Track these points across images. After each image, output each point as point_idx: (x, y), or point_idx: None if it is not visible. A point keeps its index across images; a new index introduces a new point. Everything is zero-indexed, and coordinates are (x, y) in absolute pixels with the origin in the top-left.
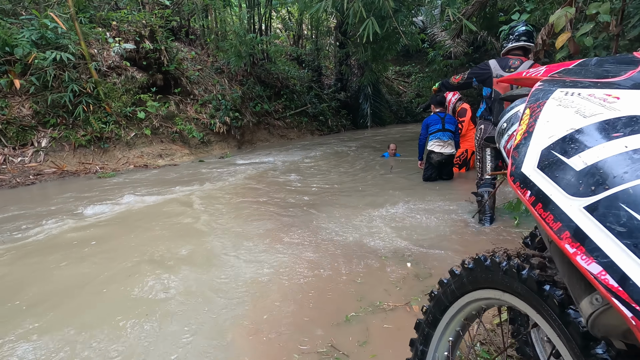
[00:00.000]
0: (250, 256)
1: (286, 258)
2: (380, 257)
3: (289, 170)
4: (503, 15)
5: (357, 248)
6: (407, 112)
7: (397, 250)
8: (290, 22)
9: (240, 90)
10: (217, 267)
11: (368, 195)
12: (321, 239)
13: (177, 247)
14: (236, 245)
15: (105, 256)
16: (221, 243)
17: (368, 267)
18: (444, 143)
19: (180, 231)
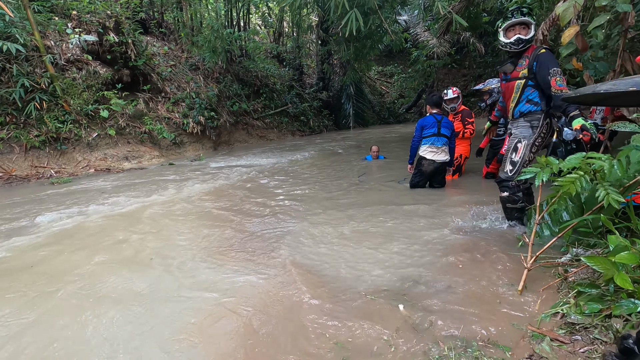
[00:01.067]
0: (194, 293)
1: (230, 301)
2: (363, 294)
3: (264, 175)
4: (487, 15)
5: (334, 283)
6: (390, 112)
7: (384, 286)
8: (270, 18)
9: (217, 88)
10: (151, 310)
11: (346, 207)
12: (286, 269)
13: (110, 279)
14: (183, 276)
15: (12, 287)
16: (169, 275)
17: (348, 313)
18: (438, 150)
19: (120, 256)
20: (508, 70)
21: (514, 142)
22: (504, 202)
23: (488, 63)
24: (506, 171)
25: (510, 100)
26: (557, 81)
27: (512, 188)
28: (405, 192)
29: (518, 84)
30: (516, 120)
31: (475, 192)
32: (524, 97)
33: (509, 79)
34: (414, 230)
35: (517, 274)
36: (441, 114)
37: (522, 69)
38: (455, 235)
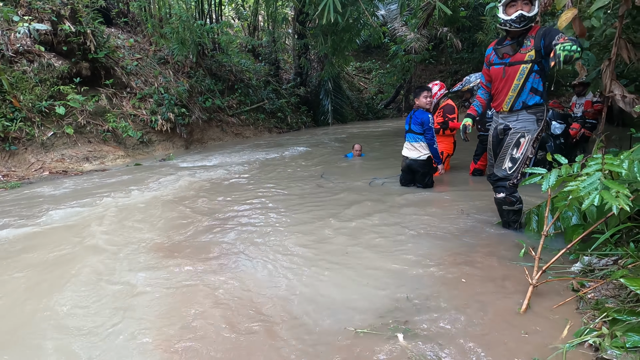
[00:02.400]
0: (136, 326)
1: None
2: (350, 329)
3: (235, 176)
4: (464, 10)
5: (314, 313)
6: (369, 109)
7: (376, 311)
8: (245, 10)
9: (188, 84)
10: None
11: (324, 214)
12: (252, 295)
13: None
14: (121, 308)
15: None
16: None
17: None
18: (409, 146)
19: (49, 280)
20: (509, 52)
21: (516, 137)
22: (499, 204)
23: (464, 59)
24: (505, 169)
25: (509, 89)
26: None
27: (509, 188)
28: (390, 196)
29: (523, 68)
30: (515, 113)
31: (464, 191)
32: (528, 84)
33: (509, 62)
34: (403, 242)
35: (524, 288)
36: (416, 107)
37: (527, 50)
38: (449, 244)
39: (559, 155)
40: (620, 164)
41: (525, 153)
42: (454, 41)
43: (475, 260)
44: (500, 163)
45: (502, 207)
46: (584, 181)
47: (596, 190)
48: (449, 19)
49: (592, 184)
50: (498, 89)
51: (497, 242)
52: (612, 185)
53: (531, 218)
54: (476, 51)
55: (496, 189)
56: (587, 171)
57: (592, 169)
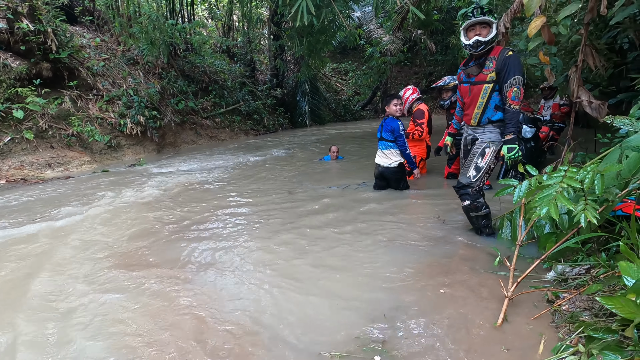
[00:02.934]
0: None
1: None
2: (324, 355)
3: (206, 182)
4: (437, 13)
5: (286, 335)
6: (346, 110)
7: (352, 331)
8: (218, 10)
9: (159, 85)
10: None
11: (295, 223)
12: (217, 314)
13: None
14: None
15: None
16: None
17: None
18: (381, 153)
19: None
20: (473, 72)
21: (482, 147)
22: (467, 211)
23: (438, 61)
24: (469, 176)
25: (475, 106)
26: (513, 92)
27: (472, 195)
28: (364, 202)
29: (486, 88)
30: (482, 127)
31: (437, 196)
32: (491, 102)
33: (473, 82)
34: (377, 253)
35: (501, 298)
36: (387, 115)
37: (489, 71)
38: (424, 255)
39: (531, 165)
40: (582, 177)
41: (488, 163)
42: (428, 44)
43: (450, 270)
44: (465, 171)
45: (470, 214)
46: (542, 193)
47: (548, 203)
48: (422, 22)
49: (547, 196)
50: (466, 105)
51: (472, 250)
52: (563, 201)
53: (504, 224)
54: (449, 54)
55: (461, 197)
56: (549, 183)
57: (552, 180)
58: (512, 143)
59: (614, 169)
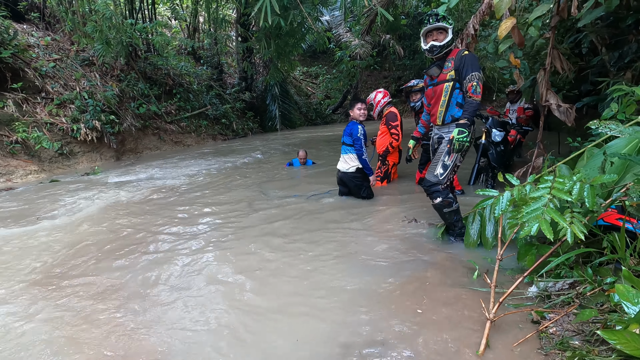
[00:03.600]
0: None
1: None
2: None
3: (165, 191)
4: (405, 18)
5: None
6: (317, 113)
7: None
8: (182, 10)
9: (117, 88)
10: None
11: (258, 234)
12: (160, 344)
13: None
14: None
15: None
16: None
17: None
18: (341, 158)
19: None
20: (434, 73)
21: (448, 146)
22: (439, 208)
23: (407, 65)
24: (437, 174)
25: (439, 105)
26: (473, 86)
27: (442, 192)
28: (330, 212)
29: (447, 86)
30: (447, 125)
31: (408, 202)
32: (453, 100)
33: (436, 82)
34: (346, 270)
35: (481, 318)
36: (351, 119)
37: (448, 71)
38: (396, 270)
39: (510, 175)
40: (570, 188)
41: (454, 161)
42: (396, 48)
43: (426, 287)
44: (432, 169)
45: (443, 211)
46: (528, 206)
47: (538, 218)
48: (390, 26)
49: (535, 210)
50: (432, 106)
51: (448, 262)
52: (555, 216)
53: (474, 219)
54: (417, 58)
55: (431, 195)
56: (535, 195)
57: (539, 192)
58: (462, 127)
59: (603, 180)
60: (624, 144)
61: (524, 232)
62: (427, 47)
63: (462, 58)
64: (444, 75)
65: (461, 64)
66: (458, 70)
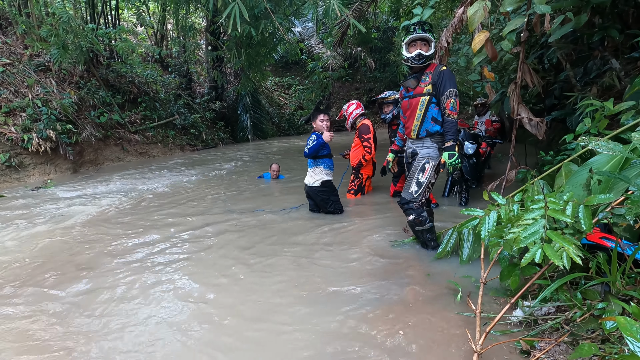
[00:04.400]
0: None
1: None
2: None
3: (122, 208)
4: (375, 32)
5: None
6: (290, 124)
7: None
8: (149, 16)
9: (76, 95)
10: None
11: (221, 256)
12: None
13: None
14: None
15: None
16: None
17: None
18: (308, 172)
19: None
20: (412, 85)
21: (421, 162)
22: (412, 225)
23: (377, 78)
24: (411, 192)
25: (414, 118)
26: (451, 103)
27: (416, 210)
28: (302, 231)
29: (423, 100)
30: (421, 140)
31: (381, 215)
32: (429, 114)
33: (412, 95)
34: (318, 298)
35: (468, 348)
36: (316, 131)
37: (425, 84)
38: (374, 294)
39: (496, 193)
40: (564, 206)
41: (429, 178)
42: (367, 60)
43: (406, 313)
44: (407, 186)
45: (415, 229)
46: (525, 229)
47: (539, 242)
48: (362, 39)
49: (534, 233)
50: (407, 119)
51: (429, 284)
52: (557, 239)
53: (445, 239)
54: (388, 71)
55: (406, 212)
56: (531, 216)
57: (534, 214)
58: (452, 150)
59: (598, 200)
60: (606, 160)
61: (525, 259)
62: (412, 55)
63: (440, 73)
64: (420, 89)
65: (439, 79)
66: (435, 85)
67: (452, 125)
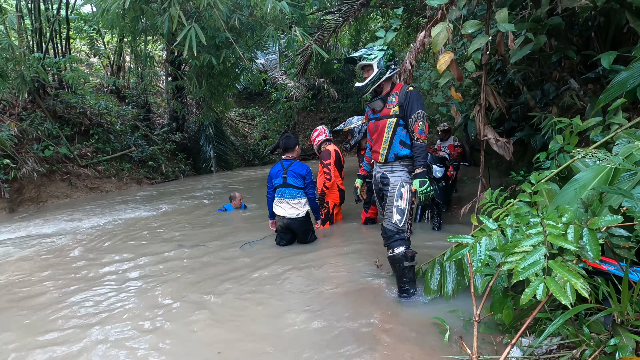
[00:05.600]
0: None
1: None
2: None
3: (60, 251)
4: (337, 63)
5: None
6: (255, 154)
7: None
8: (105, 46)
9: (17, 128)
10: None
11: (176, 300)
12: None
13: None
14: None
15: None
16: None
17: None
18: (286, 203)
19: None
20: (377, 107)
21: (397, 187)
22: (399, 260)
23: (340, 108)
24: (395, 222)
25: (381, 142)
26: (419, 126)
27: (407, 241)
28: (267, 263)
29: (390, 122)
30: (389, 164)
31: (355, 245)
32: (396, 137)
33: (378, 117)
34: (292, 345)
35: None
36: (292, 158)
37: (392, 106)
38: (356, 337)
39: (485, 216)
40: (564, 230)
41: (408, 202)
42: (330, 91)
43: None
44: (389, 217)
45: (403, 264)
46: (524, 259)
47: (540, 274)
48: (324, 70)
49: (534, 264)
50: (374, 141)
51: (414, 322)
52: (560, 270)
53: (427, 274)
54: (350, 101)
55: (393, 244)
56: (528, 243)
57: (532, 240)
58: (423, 177)
59: (605, 222)
60: (592, 175)
61: (525, 296)
62: (360, 85)
63: (407, 94)
64: (387, 110)
65: (405, 100)
66: (402, 106)
67: (421, 149)
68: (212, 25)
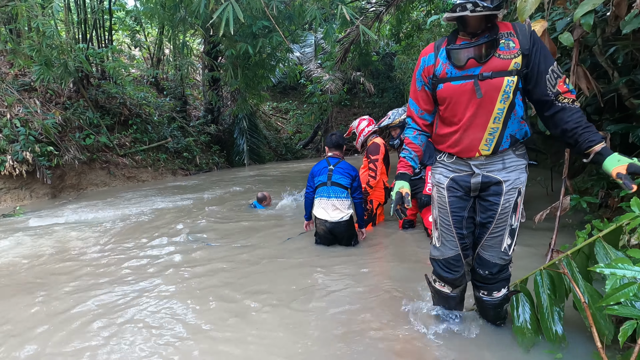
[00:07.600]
0: None
1: None
2: None
3: (94, 240)
4: (376, 55)
5: None
6: (287, 149)
7: None
8: (145, 39)
9: (61, 116)
10: None
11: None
12: None
13: None
14: None
15: None
16: None
17: None
18: (330, 205)
19: None
20: (481, 57)
21: (513, 197)
22: (499, 305)
23: (376, 103)
24: (504, 249)
25: (489, 118)
26: (565, 83)
27: (509, 278)
28: (299, 266)
29: (508, 82)
30: (500, 156)
31: (399, 256)
32: (517, 109)
33: (477, 75)
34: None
35: None
36: (339, 156)
37: (511, 54)
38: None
39: None
40: None
41: (519, 220)
42: (366, 85)
43: None
44: (496, 242)
45: (504, 307)
46: None
47: None
48: (362, 61)
49: None
50: (463, 120)
51: None
52: None
53: (511, 309)
54: (385, 96)
55: (494, 286)
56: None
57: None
58: (609, 153)
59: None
60: None
61: None
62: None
63: (531, 35)
64: (502, 63)
65: (533, 45)
66: (527, 55)
67: (578, 113)
68: (249, 13)
